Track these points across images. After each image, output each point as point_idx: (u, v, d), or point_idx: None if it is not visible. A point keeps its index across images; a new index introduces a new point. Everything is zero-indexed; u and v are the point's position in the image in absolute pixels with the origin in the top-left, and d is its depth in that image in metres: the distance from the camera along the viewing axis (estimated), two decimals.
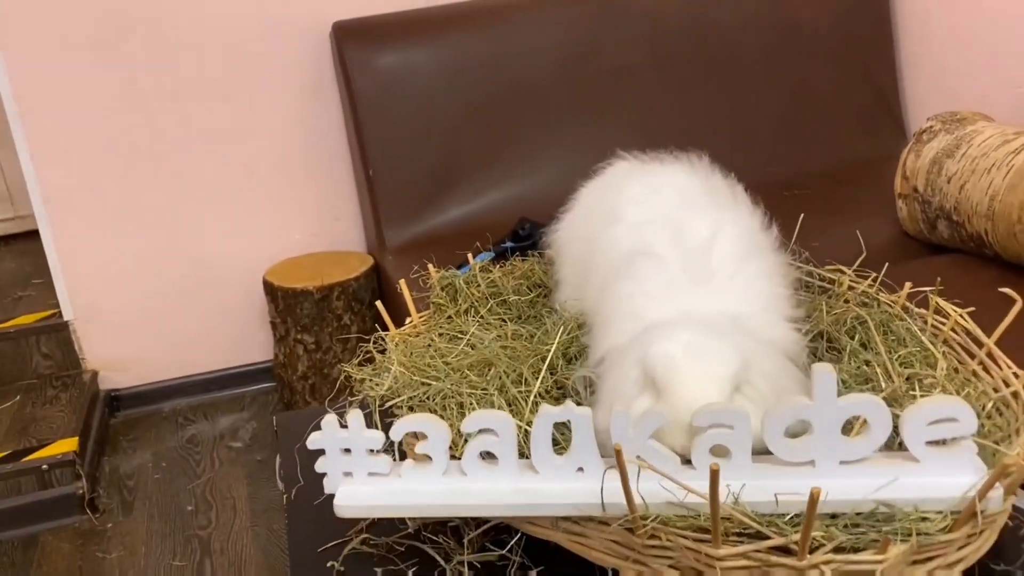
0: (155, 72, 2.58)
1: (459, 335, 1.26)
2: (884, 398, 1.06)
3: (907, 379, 1.11)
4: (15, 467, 2.30)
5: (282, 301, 2.53)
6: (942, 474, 0.90)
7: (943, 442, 0.91)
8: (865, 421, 0.92)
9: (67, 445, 2.37)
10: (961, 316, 1.21)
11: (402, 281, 1.36)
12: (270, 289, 2.57)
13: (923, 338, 1.18)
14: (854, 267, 1.33)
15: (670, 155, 1.34)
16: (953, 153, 2.07)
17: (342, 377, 1.14)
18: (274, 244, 2.76)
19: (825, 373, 0.89)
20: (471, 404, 1.04)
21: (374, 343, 1.24)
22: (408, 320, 1.37)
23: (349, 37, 2.54)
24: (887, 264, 1.32)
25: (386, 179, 2.54)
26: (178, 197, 2.69)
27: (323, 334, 2.54)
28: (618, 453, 0.82)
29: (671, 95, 2.75)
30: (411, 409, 1.06)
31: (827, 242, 1.46)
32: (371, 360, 1.23)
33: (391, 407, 1.09)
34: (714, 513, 0.82)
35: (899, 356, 1.16)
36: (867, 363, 1.16)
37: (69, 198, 2.62)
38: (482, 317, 1.35)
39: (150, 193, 2.67)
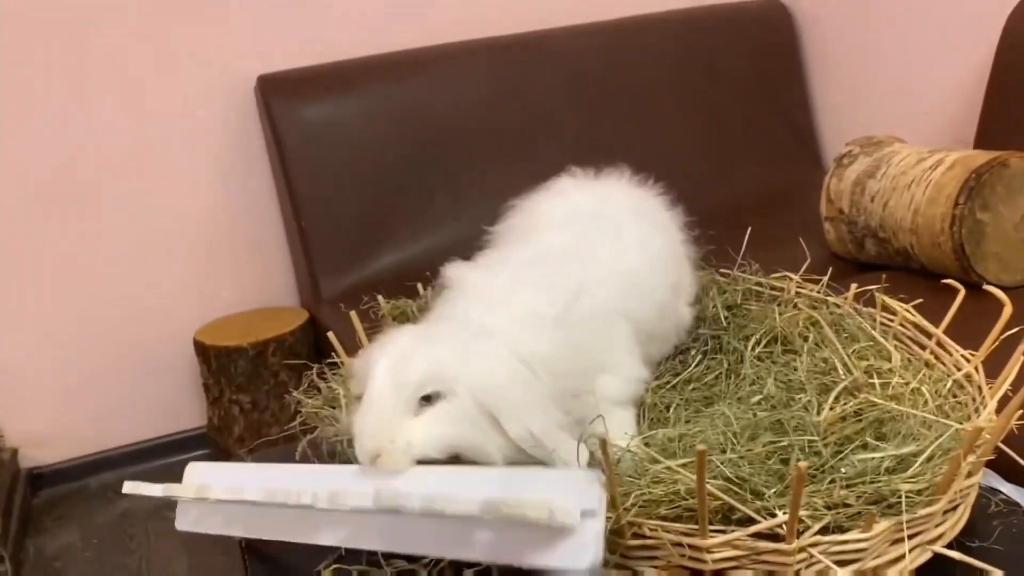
0: (74, 127, 2.51)
1: None
2: (847, 387, 1.07)
3: (865, 371, 1.13)
4: None
5: (215, 360, 2.45)
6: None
7: None
8: None
9: None
10: (908, 311, 1.24)
11: (352, 312, 1.33)
12: (201, 349, 2.48)
13: (875, 333, 1.21)
14: (800, 272, 1.35)
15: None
16: (874, 173, 2.15)
17: (292, 407, 1.10)
18: (203, 303, 2.68)
19: None
20: None
21: (319, 375, 1.21)
22: (360, 351, 1.33)
23: (274, 90, 2.52)
24: (825, 278, 1.35)
25: (318, 229, 2.51)
26: (100, 258, 2.60)
27: (259, 393, 2.46)
28: (603, 443, 0.80)
29: (592, 133, 2.81)
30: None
31: (763, 262, 1.47)
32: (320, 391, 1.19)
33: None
34: (701, 499, 0.81)
35: (854, 351, 1.18)
36: (824, 360, 1.18)
37: None
38: None
39: (70, 255, 2.57)
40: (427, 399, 0.91)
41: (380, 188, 2.58)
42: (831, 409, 0.99)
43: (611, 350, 1.06)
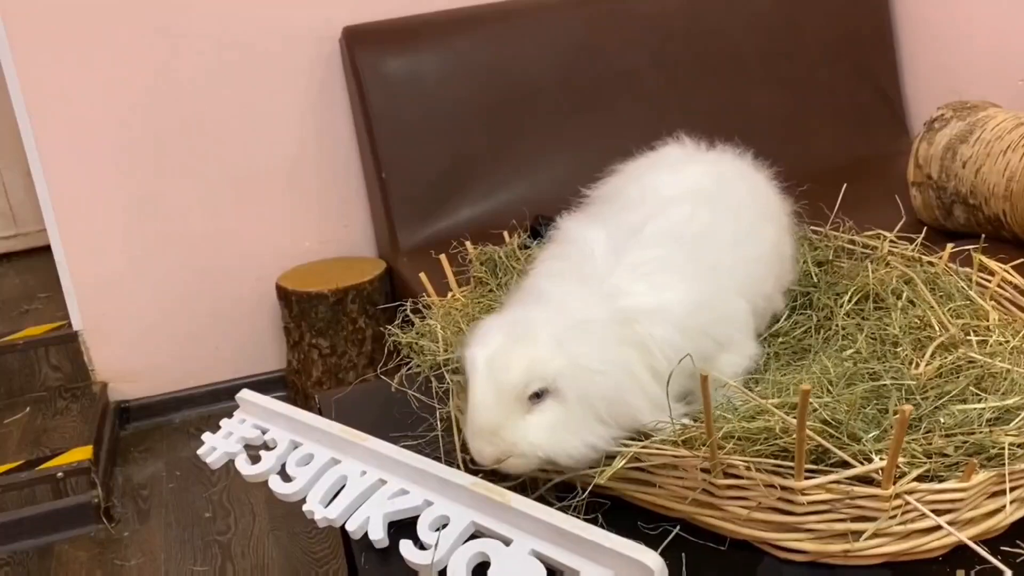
0: (163, 82, 2.58)
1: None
2: (943, 343, 1.06)
3: (961, 328, 1.11)
4: (29, 476, 2.26)
5: (296, 306, 2.52)
6: None
7: None
8: None
9: (81, 454, 2.33)
10: (1007, 271, 1.22)
11: (443, 256, 1.35)
12: (284, 294, 2.55)
13: (971, 293, 1.19)
14: (895, 231, 1.34)
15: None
16: (967, 138, 2.09)
17: (389, 343, 1.13)
18: (284, 251, 2.74)
19: None
20: None
21: (414, 311, 1.23)
22: (450, 293, 1.36)
23: (359, 42, 2.55)
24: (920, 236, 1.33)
25: (398, 182, 2.54)
26: (186, 206, 2.68)
27: (338, 338, 2.52)
28: (704, 379, 0.81)
29: (673, 95, 2.77)
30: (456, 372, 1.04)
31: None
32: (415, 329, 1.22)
33: (444, 367, 1.08)
34: (800, 440, 0.81)
35: (950, 309, 1.16)
36: (918, 318, 1.17)
37: (78, 209, 2.60)
38: None
39: (158, 202, 2.66)
40: (537, 395, 0.90)
41: (458, 142, 2.59)
42: (928, 364, 0.99)
43: (732, 331, 1.04)
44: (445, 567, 0.87)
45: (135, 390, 2.78)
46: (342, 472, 1.05)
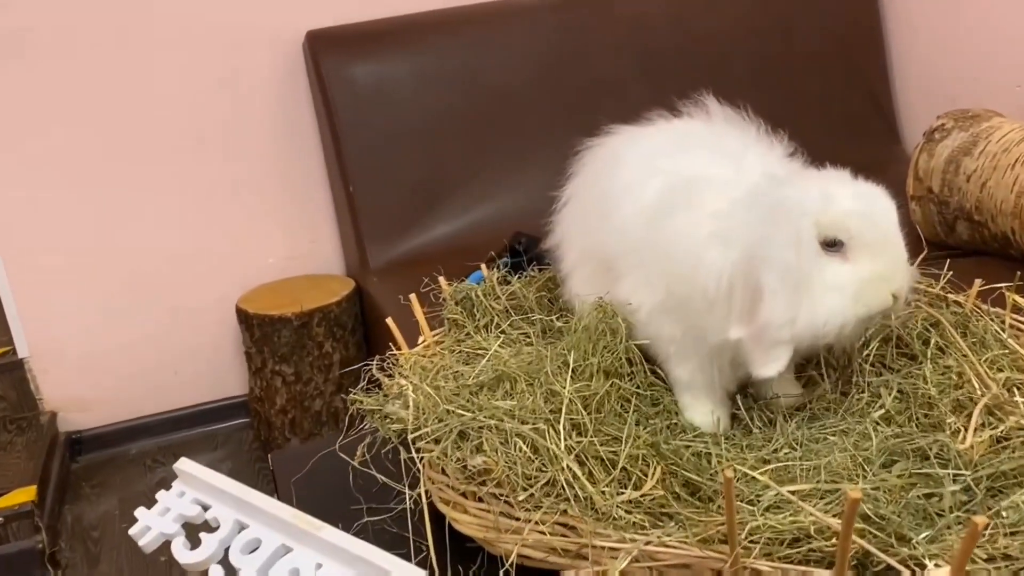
0: (115, 90, 2.41)
1: (482, 354, 1.11)
2: (987, 405, 0.93)
3: (1003, 384, 0.98)
4: None
5: (258, 330, 2.36)
6: None
7: None
8: None
9: (24, 495, 2.16)
10: None
11: (413, 295, 1.21)
12: (244, 317, 2.39)
13: (1010, 341, 1.06)
14: (917, 262, 1.20)
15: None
16: (971, 150, 1.97)
17: (352, 408, 0.98)
18: (247, 269, 2.58)
19: None
20: (512, 435, 0.88)
21: (379, 367, 1.09)
22: (420, 339, 1.21)
23: (324, 47, 2.39)
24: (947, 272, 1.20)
25: (367, 195, 2.39)
26: (142, 222, 2.51)
27: (303, 364, 2.36)
28: (728, 482, 0.67)
29: (659, 102, 2.62)
30: (436, 442, 0.90)
31: None
32: (379, 386, 1.08)
33: (415, 439, 0.93)
34: (843, 552, 0.67)
35: (986, 359, 1.03)
36: (949, 368, 1.03)
37: (22, 226, 2.43)
38: (504, 332, 1.20)
39: (110, 218, 2.49)
40: None
41: (432, 153, 2.45)
42: (976, 434, 0.85)
43: None
44: None
45: (87, 419, 2.60)
46: (294, 564, 0.90)
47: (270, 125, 2.54)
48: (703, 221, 1.00)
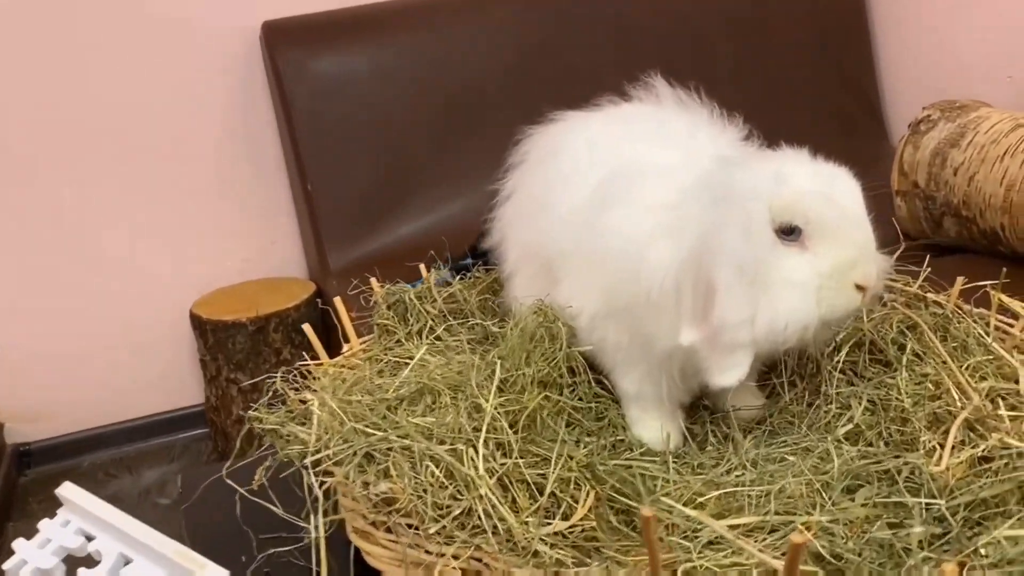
0: (62, 86, 2.29)
1: (409, 363, 1.00)
2: (967, 419, 0.82)
3: (986, 395, 0.87)
4: None
5: (212, 336, 2.24)
6: None
7: None
8: None
9: None
10: None
11: (337, 299, 1.10)
12: (198, 323, 2.27)
13: (994, 345, 0.95)
14: (895, 256, 1.09)
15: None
16: (958, 142, 1.86)
17: (247, 425, 0.87)
18: (204, 273, 2.46)
19: None
20: (423, 457, 0.77)
21: (301, 377, 0.98)
22: (346, 347, 1.10)
23: (281, 39, 2.28)
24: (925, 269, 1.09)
25: (327, 194, 2.28)
26: (93, 225, 2.40)
27: (260, 372, 2.24)
28: (647, 524, 0.56)
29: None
30: (339, 465, 0.79)
31: None
32: (302, 399, 0.96)
33: (320, 461, 0.82)
34: None
35: (967, 366, 0.92)
36: (926, 376, 0.92)
37: None
38: (439, 339, 1.09)
39: (61, 219, 2.37)
40: None
41: (397, 150, 2.33)
42: (953, 454, 0.74)
43: None
44: None
45: (37, 431, 2.48)
46: None
47: (226, 121, 2.43)
48: (646, 213, 0.89)
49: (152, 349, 2.49)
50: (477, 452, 0.79)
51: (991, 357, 0.93)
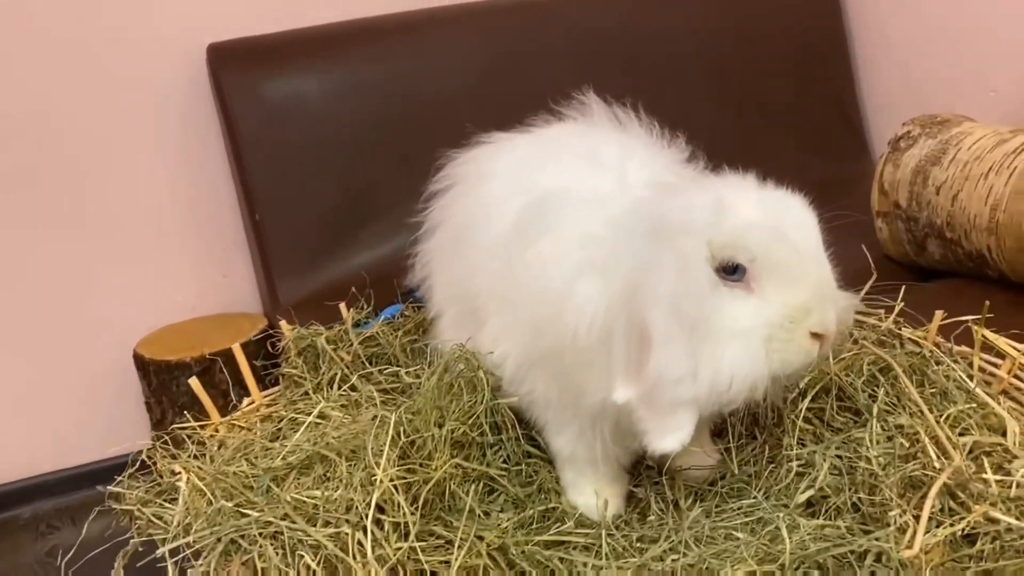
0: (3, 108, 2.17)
1: (314, 418, 0.88)
2: (947, 482, 0.69)
3: (969, 451, 0.75)
4: None
5: (155, 377, 2.11)
6: None
7: None
8: None
9: None
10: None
11: (235, 346, 0.97)
12: (141, 363, 2.14)
13: (977, 390, 0.82)
14: (863, 291, 0.97)
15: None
16: (939, 159, 1.75)
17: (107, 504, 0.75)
18: (151, 310, 2.33)
19: None
20: (294, 546, 0.64)
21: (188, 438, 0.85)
22: (246, 401, 0.98)
23: (226, 62, 2.17)
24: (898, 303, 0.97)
25: (277, 224, 2.16)
26: (32, 259, 2.26)
27: (207, 415, 2.11)
28: None
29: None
30: (198, 556, 0.66)
31: None
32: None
33: (183, 547, 0.69)
34: None
35: (947, 417, 0.80)
36: (900, 428, 0.80)
37: None
38: (354, 388, 0.96)
39: None
40: None
41: (351, 174, 2.21)
42: (928, 531, 0.61)
43: None
44: None
45: None
46: None
47: (173, 147, 2.30)
48: (571, 246, 0.77)
49: (100, 392, 2.35)
50: (366, 535, 0.66)
51: (974, 405, 0.80)
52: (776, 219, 0.71)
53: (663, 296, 0.69)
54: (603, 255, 0.74)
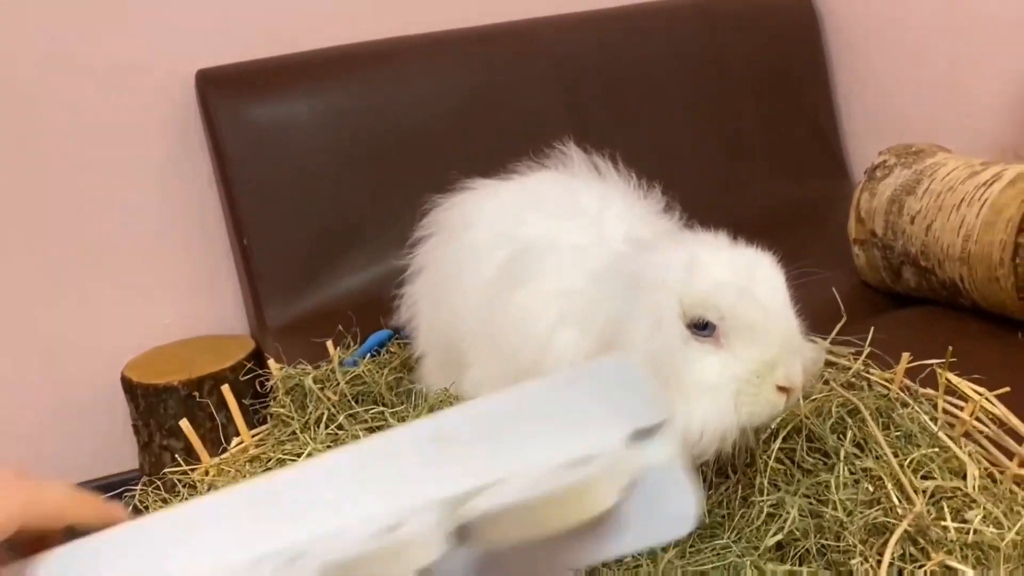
0: None
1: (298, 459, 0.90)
2: (908, 528, 0.73)
3: (931, 496, 0.78)
4: None
5: (142, 400, 2.13)
6: None
7: None
8: None
9: None
10: (987, 398, 0.89)
11: (225, 387, 1.00)
12: (128, 386, 2.16)
13: (941, 435, 0.86)
14: (832, 336, 1.00)
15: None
16: (914, 189, 1.80)
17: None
18: (140, 330, 2.35)
19: None
20: None
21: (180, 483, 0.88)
22: (234, 441, 1.00)
23: (215, 87, 2.19)
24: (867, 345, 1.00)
25: (265, 248, 2.18)
26: (21, 283, 2.28)
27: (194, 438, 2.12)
28: None
29: (587, 141, 2.45)
30: None
31: None
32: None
33: None
34: None
35: (911, 461, 0.83)
36: (867, 471, 0.83)
37: None
38: (341, 428, 0.99)
39: None
40: None
41: (338, 200, 2.24)
42: None
43: None
44: None
45: None
46: None
47: (162, 172, 2.33)
48: (552, 297, 0.81)
49: (88, 414, 2.37)
50: None
51: (937, 449, 0.84)
52: (745, 278, 0.74)
53: (637, 349, 0.73)
54: (580, 308, 0.78)
